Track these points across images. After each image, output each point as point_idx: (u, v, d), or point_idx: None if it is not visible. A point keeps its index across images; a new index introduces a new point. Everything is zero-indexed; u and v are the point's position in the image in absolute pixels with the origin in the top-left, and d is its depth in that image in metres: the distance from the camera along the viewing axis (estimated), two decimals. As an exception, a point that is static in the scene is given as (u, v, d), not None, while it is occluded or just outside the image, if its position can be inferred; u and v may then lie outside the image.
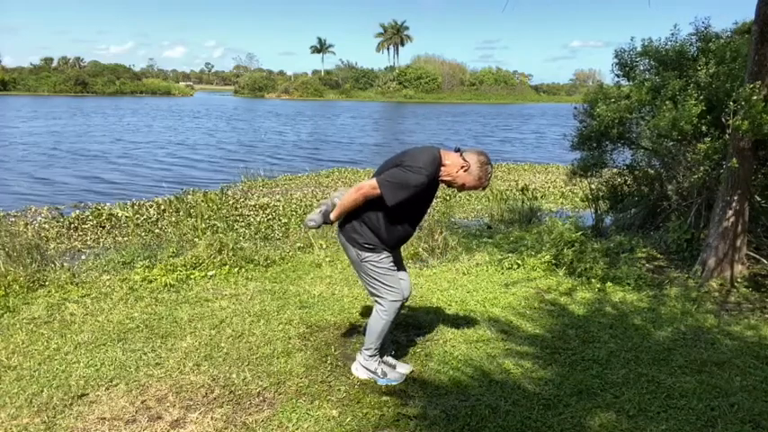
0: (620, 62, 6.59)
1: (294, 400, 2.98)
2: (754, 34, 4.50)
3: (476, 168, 2.94)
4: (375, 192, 2.84)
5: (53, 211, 9.12)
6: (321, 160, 18.71)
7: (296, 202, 10.05)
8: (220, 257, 5.36)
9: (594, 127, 6.46)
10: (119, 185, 13.25)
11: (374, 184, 2.84)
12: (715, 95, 5.29)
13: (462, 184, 2.99)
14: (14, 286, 4.56)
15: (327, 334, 3.85)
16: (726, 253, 4.87)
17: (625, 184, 7.19)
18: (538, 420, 2.82)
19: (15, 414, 2.81)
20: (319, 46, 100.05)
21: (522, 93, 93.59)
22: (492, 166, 3.04)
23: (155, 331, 3.83)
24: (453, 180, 2.96)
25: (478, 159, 2.95)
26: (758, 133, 4.39)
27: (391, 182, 2.81)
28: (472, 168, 2.94)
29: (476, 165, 2.94)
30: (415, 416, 2.84)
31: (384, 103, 70.83)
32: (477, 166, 2.94)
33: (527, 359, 3.51)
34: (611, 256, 5.57)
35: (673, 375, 3.34)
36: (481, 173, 2.96)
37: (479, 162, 2.95)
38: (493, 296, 4.68)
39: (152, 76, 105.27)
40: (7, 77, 73.77)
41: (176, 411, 2.86)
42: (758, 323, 4.16)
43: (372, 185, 2.84)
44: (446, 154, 2.96)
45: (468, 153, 2.98)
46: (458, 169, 2.93)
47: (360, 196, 2.88)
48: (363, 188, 2.87)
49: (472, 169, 2.94)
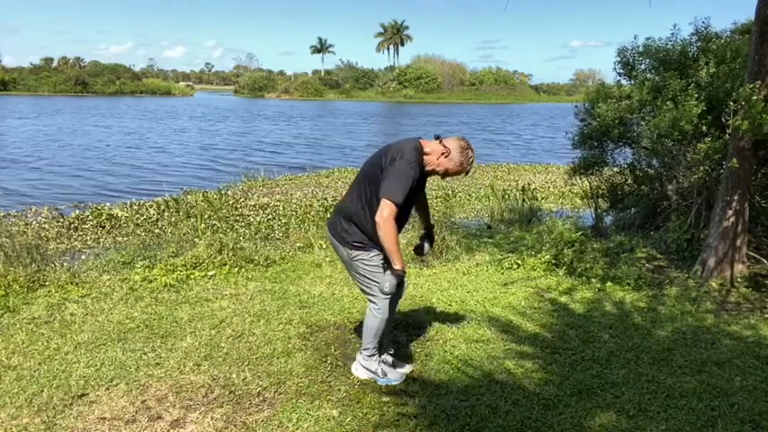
0: (622, 61, 6.59)
1: (294, 400, 2.98)
2: (754, 34, 4.50)
3: (456, 154, 2.96)
4: (394, 209, 2.75)
5: (53, 211, 9.11)
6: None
7: (296, 202, 10.05)
8: (220, 257, 5.36)
9: (595, 126, 6.47)
10: (119, 185, 13.25)
11: (389, 204, 2.75)
12: (715, 95, 5.30)
13: (445, 170, 3.00)
14: (14, 286, 4.56)
15: (327, 334, 3.85)
16: (726, 253, 4.87)
17: (625, 183, 7.19)
18: (538, 420, 2.82)
19: (15, 414, 2.81)
20: (319, 46, 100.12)
21: (523, 93, 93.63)
22: (473, 151, 3.03)
23: (155, 331, 3.83)
24: (435, 167, 2.98)
25: (459, 145, 2.97)
26: (758, 133, 4.39)
27: (398, 189, 2.78)
28: (453, 154, 2.95)
29: (456, 150, 2.96)
30: (415, 416, 2.84)
31: (384, 103, 70.84)
32: (458, 151, 2.96)
33: (527, 359, 3.51)
34: (611, 255, 5.57)
35: (673, 375, 3.34)
36: (462, 158, 2.97)
37: (460, 147, 2.97)
38: (493, 296, 4.68)
39: (152, 76, 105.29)
40: (7, 77, 73.80)
41: (176, 411, 2.86)
42: (758, 323, 4.16)
43: (390, 207, 2.75)
44: (426, 143, 2.99)
45: (447, 140, 3.00)
46: (438, 156, 2.95)
47: (390, 225, 2.76)
48: (388, 217, 2.74)
49: (453, 155, 2.96)
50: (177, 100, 70.64)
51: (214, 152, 20.31)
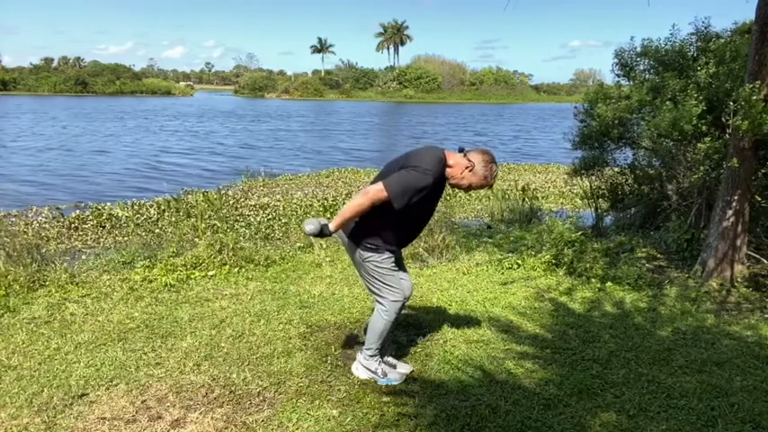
0: (620, 62, 6.59)
1: (294, 400, 2.98)
2: (754, 34, 4.50)
3: (480, 168, 2.93)
4: (382, 195, 2.77)
5: (53, 211, 9.10)
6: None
7: (296, 202, 10.05)
8: (220, 257, 5.36)
9: (595, 127, 6.47)
10: (119, 185, 13.25)
11: (380, 188, 2.78)
12: (715, 95, 5.29)
13: (469, 185, 2.97)
14: (15, 286, 4.56)
15: (327, 334, 3.85)
16: (726, 253, 4.87)
17: (625, 183, 7.19)
18: (538, 420, 2.82)
19: (15, 414, 2.82)
20: (319, 46, 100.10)
21: (523, 93, 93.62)
22: (497, 165, 3.02)
23: (155, 331, 3.83)
24: (459, 181, 2.95)
25: (483, 158, 2.95)
26: (758, 133, 4.39)
27: (398, 184, 2.78)
28: (477, 168, 2.93)
29: (480, 164, 2.93)
30: (415, 416, 2.84)
31: (384, 103, 70.83)
32: (482, 165, 2.94)
33: (527, 359, 3.51)
34: (611, 255, 5.57)
35: (673, 375, 3.34)
36: (486, 171, 2.95)
37: (484, 161, 2.94)
38: (493, 296, 4.68)
39: (152, 75, 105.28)
40: (7, 77, 73.86)
41: (176, 411, 2.86)
42: (758, 323, 4.16)
43: (379, 189, 2.78)
44: (450, 155, 2.95)
45: (472, 153, 2.97)
46: (462, 170, 2.92)
47: (366, 200, 2.79)
48: (370, 192, 2.79)
49: (477, 169, 2.93)
50: (177, 100, 70.61)
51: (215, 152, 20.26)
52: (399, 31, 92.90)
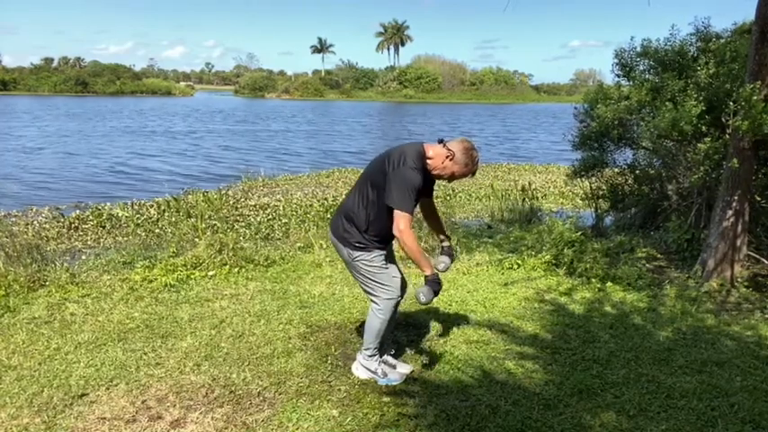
0: (620, 62, 6.59)
1: (294, 400, 2.98)
2: (755, 34, 4.50)
3: (461, 156, 2.93)
4: (407, 218, 2.78)
5: (54, 211, 9.11)
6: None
7: (296, 202, 10.05)
8: (221, 257, 5.36)
9: (594, 128, 6.47)
10: (119, 185, 13.25)
11: (401, 215, 2.78)
12: (715, 96, 5.29)
13: (452, 174, 2.98)
14: (15, 286, 4.56)
15: (327, 334, 3.85)
16: (726, 253, 4.87)
17: (625, 183, 7.19)
18: (538, 420, 2.82)
19: (16, 414, 2.82)
20: (319, 46, 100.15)
21: (523, 92, 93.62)
22: (477, 152, 3.00)
23: (155, 331, 3.83)
24: (441, 172, 2.96)
25: (462, 146, 2.94)
26: (758, 133, 4.39)
27: (402, 201, 2.78)
28: (457, 156, 2.93)
29: (460, 152, 2.93)
30: (415, 416, 2.84)
31: (384, 103, 70.83)
32: (462, 152, 2.93)
33: (527, 359, 3.51)
34: (611, 255, 5.57)
35: (673, 375, 3.34)
36: (467, 159, 2.94)
37: (464, 149, 2.94)
38: (493, 296, 4.68)
39: (152, 75, 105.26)
40: (8, 77, 73.90)
41: (176, 411, 2.87)
42: (758, 323, 4.16)
43: (402, 216, 2.78)
44: (429, 147, 2.97)
45: (451, 143, 2.98)
46: (443, 160, 2.93)
47: (410, 235, 2.80)
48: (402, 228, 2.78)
49: (457, 157, 2.93)
50: (178, 100, 70.60)
51: (216, 153, 20.26)
52: (399, 31, 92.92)
